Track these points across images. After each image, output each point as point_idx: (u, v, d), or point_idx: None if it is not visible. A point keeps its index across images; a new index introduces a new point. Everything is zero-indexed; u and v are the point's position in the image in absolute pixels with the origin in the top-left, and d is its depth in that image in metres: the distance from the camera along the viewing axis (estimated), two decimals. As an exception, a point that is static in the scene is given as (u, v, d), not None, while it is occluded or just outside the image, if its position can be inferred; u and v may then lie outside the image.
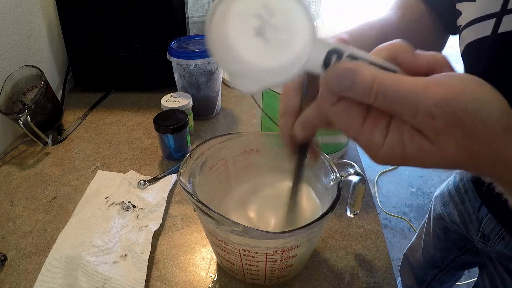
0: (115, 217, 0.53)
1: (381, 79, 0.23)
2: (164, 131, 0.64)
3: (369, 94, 0.23)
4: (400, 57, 0.25)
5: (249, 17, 0.24)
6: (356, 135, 0.25)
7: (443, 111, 0.21)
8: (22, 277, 0.48)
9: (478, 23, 0.39)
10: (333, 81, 0.24)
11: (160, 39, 0.84)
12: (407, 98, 0.22)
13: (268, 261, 0.40)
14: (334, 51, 0.25)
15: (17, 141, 0.75)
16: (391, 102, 0.22)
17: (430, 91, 0.22)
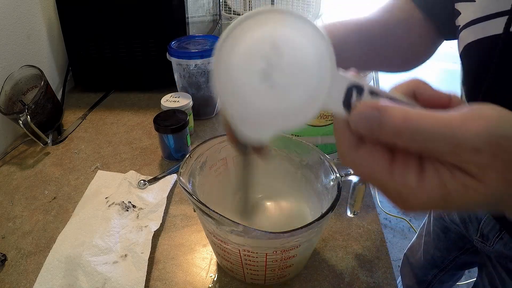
0: (115, 217, 0.53)
1: (412, 116, 0.21)
2: (164, 131, 0.64)
3: (401, 133, 0.21)
4: (418, 92, 0.24)
5: (256, 59, 0.22)
6: (384, 181, 0.22)
7: (488, 143, 0.20)
8: (22, 277, 0.48)
9: (479, 23, 0.39)
10: (360, 122, 0.22)
11: (160, 39, 0.84)
12: (445, 134, 0.20)
13: (268, 261, 0.40)
14: (354, 86, 0.23)
15: (17, 141, 0.75)
16: (426, 141, 0.21)
17: (470, 124, 0.20)
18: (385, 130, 0.21)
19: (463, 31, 0.42)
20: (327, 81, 0.23)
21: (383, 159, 0.22)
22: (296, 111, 0.23)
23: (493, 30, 0.37)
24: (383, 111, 0.21)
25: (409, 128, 0.21)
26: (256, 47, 0.22)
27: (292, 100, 0.23)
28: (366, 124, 0.22)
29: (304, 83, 0.23)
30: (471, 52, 0.41)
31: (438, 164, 0.22)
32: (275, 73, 0.22)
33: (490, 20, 0.38)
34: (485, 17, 0.38)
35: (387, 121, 0.21)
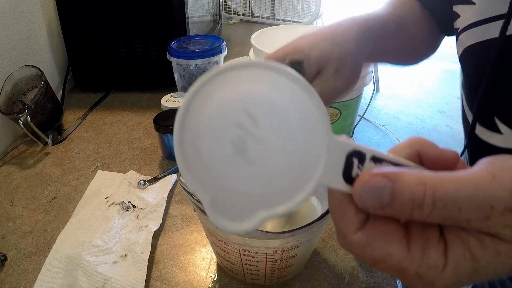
0: (115, 217, 0.53)
1: (431, 182, 0.18)
2: (164, 131, 0.64)
3: (422, 206, 0.18)
4: (423, 153, 0.21)
5: (227, 128, 0.18)
6: (402, 265, 0.19)
7: None
8: (22, 277, 0.48)
9: (479, 26, 0.39)
10: (368, 196, 0.18)
11: (160, 39, 0.84)
12: (475, 197, 0.17)
13: (268, 261, 0.40)
14: (354, 153, 0.19)
15: (17, 141, 0.75)
16: (452, 209, 0.17)
17: (501, 181, 0.17)
18: (399, 202, 0.18)
19: (461, 34, 0.41)
20: (321, 152, 0.18)
21: (397, 238, 0.19)
22: (284, 193, 0.18)
23: (490, 34, 0.37)
24: (394, 179, 0.18)
25: (430, 196, 0.17)
26: (226, 113, 0.18)
27: (277, 179, 0.18)
28: (375, 198, 0.18)
29: (291, 157, 0.18)
30: (469, 55, 0.41)
31: (462, 233, 0.19)
32: (252, 146, 0.18)
33: (488, 23, 0.37)
34: (483, 21, 0.38)
35: (402, 191, 0.18)
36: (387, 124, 0.83)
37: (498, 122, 0.39)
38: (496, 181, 0.17)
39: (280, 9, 1.42)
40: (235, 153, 0.18)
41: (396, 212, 0.18)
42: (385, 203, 0.18)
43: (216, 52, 0.76)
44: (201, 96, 0.18)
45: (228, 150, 0.18)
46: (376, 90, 1.00)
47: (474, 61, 0.41)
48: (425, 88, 1.05)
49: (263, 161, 0.18)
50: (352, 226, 0.20)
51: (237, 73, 0.18)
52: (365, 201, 0.18)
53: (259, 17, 1.47)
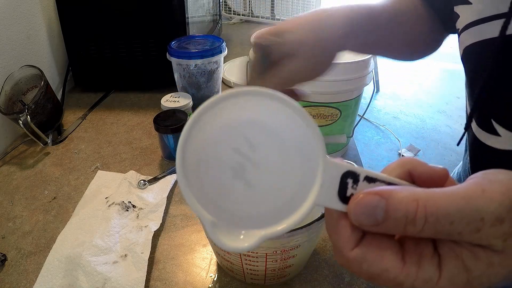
0: (115, 217, 0.53)
1: (423, 197, 0.18)
2: (164, 131, 0.64)
3: (415, 221, 0.18)
4: (414, 171, 0.22)
5: (225, 153, 0.19)
6: (398, 280, 0.19)
7: (509, 210, 0.18)
8: (22, 277, 0.48)
9: (476, 26, 0.39)
10: (363, 214, 0.19)
11: (160, 39, 0.84)
12: (466, 211, 0.18)
13: (268, 261, 0.40)
14: (349, 174, 0.20)
15: (17, 141, 0.75)
16: (444, 223, 0.18)
17: (490, 194, 0.18)
18: (393, 218, 0.18)
19: (462, 34, 0.42)
20: (317, 173, 0.19)
21: (393, 254, 0.19)
22: (283, 213, 0.19)
23: (490, 33, 0.37)
24: (387, 197, 0.19)
25: (422, 212, 0.18)
26: (225, 140, 0.19)
27: (275, 201, 0.19)
28: (369, 215, 0.19)
29: (288, 179, 0.19)
30: (469, 55, 0.41)
31: (455, 246, 0.19)
32: (250, 170, 0.19)
33: (487, 23, 0.37)
34: (482, 20, 0.38)
35: (395, 208, 0.18)
36: (387, 124, 0.83)
37: (495, 124, 0.39)
38: (486, 195, 0.18)
39: (280, 9, 1.42)
40: (234, 177, 0.19)
41: (390, 229, 0.19)
42: (379, 220, 0.19)
43: (216, 52, 0.76)
44: (201, 124, 0.19)
45: (227, 174, 0.19)
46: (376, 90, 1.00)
47: (473, 61, 0.41)
48: (425, 88, 1.05)
49: (262, 184, 0.19)
50: (348, 244, 0.20)
51: (234, 101, 0.19)
52: (360, 218, 0.19)
53: (259, 17, 1.47)
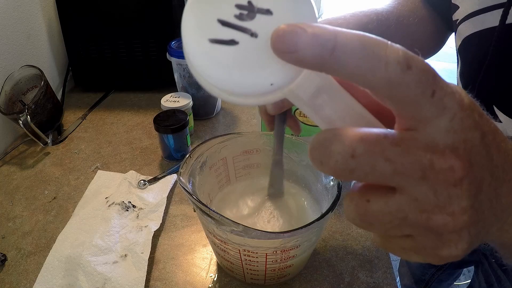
0: (115, 217, 0.53)
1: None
2: (164, 131, 0.64)
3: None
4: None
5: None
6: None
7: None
8: (22, 277, 0.48)
9: (477, 16, 0.39)
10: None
11: (160, 39, 0.84)
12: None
13: (268, 261, 0.40)
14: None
15: (17, 141, 0.75)
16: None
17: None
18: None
19: (461, 25, 0.42)
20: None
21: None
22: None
23: (490, 23, 0.38)
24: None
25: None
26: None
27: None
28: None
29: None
30: (469, 45, 0.42)
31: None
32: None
33: (487, 12, 0.38)
34: (482, 10, 0.38)
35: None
36: (387, 124, 0.83)
37: (496, 110, 0.39)
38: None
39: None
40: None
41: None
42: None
43: (216, 52, 0.76)
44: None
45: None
46: (376, 90, 1.00)
47: (473, 50, 0.42)
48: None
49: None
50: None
51: None
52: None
53: (259, 17, 1.47)
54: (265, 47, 0.19)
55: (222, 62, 0.19)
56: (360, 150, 0.17)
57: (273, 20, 0.19)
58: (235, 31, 0.19)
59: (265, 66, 0.19)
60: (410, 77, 0.16)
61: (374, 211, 0.18)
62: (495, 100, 0.39)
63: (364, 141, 0.17)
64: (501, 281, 0.55)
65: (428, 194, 0.17)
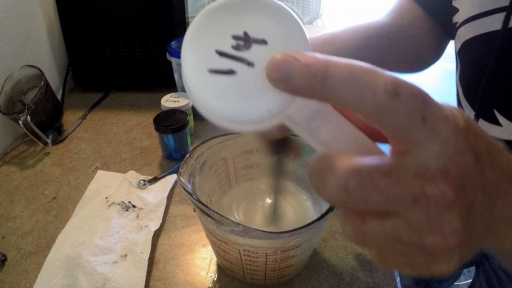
0: (115, 217, 0.53)
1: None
2: (164, 131, 0.64)
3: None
4: None
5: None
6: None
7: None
8: (22, 277, 0.48)
9: (478, 19, 0.39)
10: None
11: (160, 39, 0.84)
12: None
13: (268, 261, 0.40)
14: None
15: (17, 141, 0.75)
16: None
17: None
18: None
19: (460, 28, 0.42)
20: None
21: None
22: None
23: (491, 26, 0.38)
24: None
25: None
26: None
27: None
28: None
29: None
30: (469, 48, 0.42)
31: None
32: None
33: (488, 16, 0.38)
34: (483, 14, 0.38)
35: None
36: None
37: (497, 114, 0.39)
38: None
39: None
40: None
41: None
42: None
43: (216, 52, 0.76)
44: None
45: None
46: (376, 90, 1.00)
47: (474, 54, 0.41)
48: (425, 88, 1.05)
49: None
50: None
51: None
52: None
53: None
54: (261, 75, 0.20)
55: (221, 91, 0.20)
56: (352, 184, 0.17)
57: (268, 49, 0.20)
58: (233, 61, 0.20)
59: (262, 94, 0.20)
60: (398, 104, 0.17)
61: (369, 232, 0.19)
62: (496, 103, 0.39)
63: (356, 175, 0.17)
64: (502, 281, 0.55)
65: (421, 217, 0.17)
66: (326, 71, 0.17)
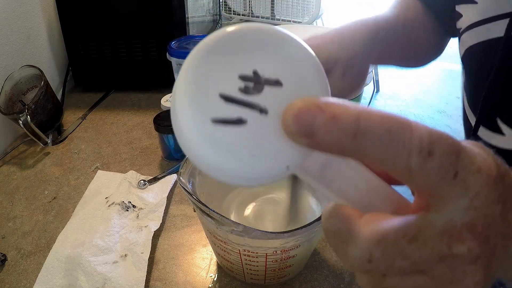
0: (115, 217, 0.53)
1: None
2: (164, 131, 0.64)
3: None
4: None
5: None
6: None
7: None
8: (22, 277, 0.48)
9: (481, 26, 0.38)
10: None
11: (160, 39, 0.84)
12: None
13: (268, 261, 0.40)
14: None
15: (17, 141, 0.75)
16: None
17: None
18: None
19: (464, 34, 0.41)
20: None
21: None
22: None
23: (494, 33, 0.37)
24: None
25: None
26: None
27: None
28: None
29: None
30: (472, 55, 0.41)
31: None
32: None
33: (491, 22, 0.37)
34: (486, 20, 0.38)
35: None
36: (387, 124, 0.83)
37: (500, 123, 0.39)
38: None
39: (280, 9, 1.42)
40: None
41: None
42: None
43: (216, 52, 0.76)
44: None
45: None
46: (376, 90, 1.00)
47: (477, 61, 0.41)
48: (425, 88, 1.05)
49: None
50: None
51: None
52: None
53: (259, 17, 1.47)
54: (276, 124, 0.16)
55: (229, 147, 0.16)
56: (377, 255, 0.16)
57: (283, 92, 0.17)
58: (242, 108, 0.16)
59: (279, 148, 0.16)
60: (431, 163, 0.15)
61: (389, 286, 0.18)
62: (498, 111, 0.38)
63: (381, 245, 0.16)
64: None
65: (445, 272, 0.17)
66: (357, 126, 0.15)
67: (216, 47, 0.16)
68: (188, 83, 0.16)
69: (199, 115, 0.16)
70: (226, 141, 0.16)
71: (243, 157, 0.16)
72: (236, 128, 0.16)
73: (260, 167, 0.16)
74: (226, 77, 0.16)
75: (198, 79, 0.16)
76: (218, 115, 0.16)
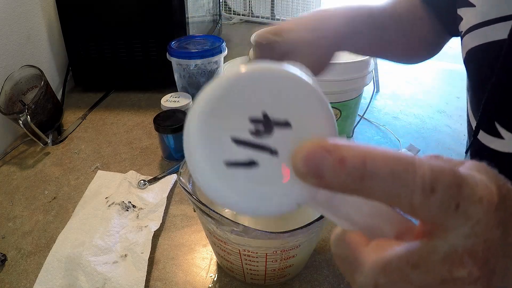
0: (115, 217, 0.53)
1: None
2: (164, 131, 0.64)
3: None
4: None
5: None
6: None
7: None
8: (22, 277, 0.48)
9: (481, 28, 0.38)
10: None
11: (160, 39, 0.84)
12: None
13: (268, 261, 0.40)
14: None
15: (17, 141, 0.75)
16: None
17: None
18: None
19: (465, 37, 0.41)
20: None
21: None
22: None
23: (495, 36, 0.37)
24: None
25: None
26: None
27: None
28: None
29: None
30: (473, 58, 0.41)
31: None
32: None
33: (491, 25, 0.37)
34: (488, 22, 0.37)
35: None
36: (387, 124, 0.83)
37: (499, 127, 0.38)
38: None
39: (280, 9, 1.42)
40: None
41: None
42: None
43: (216, 52, 0.76)
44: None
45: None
46: (376, 90, 1.00)
47: (478, 64, 0.41)
48: (425, 88, 1.05)
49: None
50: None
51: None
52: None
53: (259, 17, 1.47)
54: (287, 165, 0.17)
55: (242, 187, 0.17)
56: (382, 281, 0.17)
57: (292, 133, 0.17)
58: (253, 150, 0.17)
59: (289, 187, 0.17)
60: (433, 199, 0.16)
61: None
62: (498, 116, 0.38)
63: (385, 272, 0.17)
64: None
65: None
66: (364, 170, 0.16)
67: (227, 90, 0.17)
68: (200, 127, 0.17)
69: (213, 158, 0.17)
70: (239, 182, 0.17)
71: (255, 196, 0.17)
72: (248, 170, 0.17)
73: (271, 205, 0.17)
74: (237, 120, 0.17)
75: (210, 124, 0.17)
76: (231, 158, 0.17)
